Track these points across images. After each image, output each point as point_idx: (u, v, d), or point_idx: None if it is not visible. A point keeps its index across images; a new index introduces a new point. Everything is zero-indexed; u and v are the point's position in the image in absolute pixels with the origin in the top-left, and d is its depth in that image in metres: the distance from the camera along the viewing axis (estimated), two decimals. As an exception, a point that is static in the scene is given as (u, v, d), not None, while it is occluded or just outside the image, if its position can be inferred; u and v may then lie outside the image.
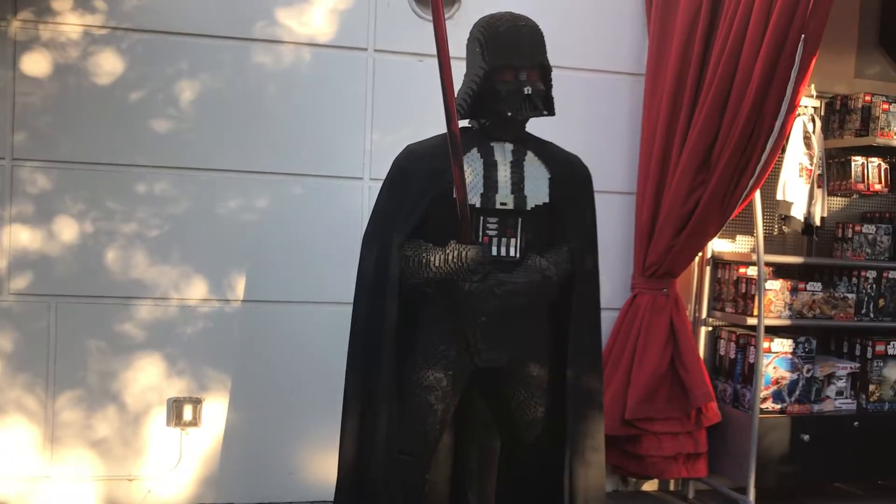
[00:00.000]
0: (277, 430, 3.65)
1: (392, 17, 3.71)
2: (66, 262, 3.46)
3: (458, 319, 2.56)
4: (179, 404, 3.57)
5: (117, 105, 3.47)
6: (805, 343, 3.82)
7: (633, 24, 3.99)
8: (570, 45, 3.79)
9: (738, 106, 3.32)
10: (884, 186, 4.14)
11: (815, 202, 3.89)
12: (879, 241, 4.11)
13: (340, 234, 3.58)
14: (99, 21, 3.44)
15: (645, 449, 3.76)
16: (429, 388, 2.56)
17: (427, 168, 2.56)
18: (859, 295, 3.99)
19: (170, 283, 3.55)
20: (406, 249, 2.53)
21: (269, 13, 3.59)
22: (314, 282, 3.65)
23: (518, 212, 2.55)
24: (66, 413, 3.49)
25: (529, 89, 2.49)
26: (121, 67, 3.47)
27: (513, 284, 2.50)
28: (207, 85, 3.55)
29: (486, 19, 2.56)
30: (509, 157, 2.58)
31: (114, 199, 3.49)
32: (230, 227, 3.59)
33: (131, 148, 3.49)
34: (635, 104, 3.97)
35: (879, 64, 4.42)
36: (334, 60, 3.66)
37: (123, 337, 3.52)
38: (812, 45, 3.08)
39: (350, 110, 3.68)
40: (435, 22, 2.31)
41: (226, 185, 3.58)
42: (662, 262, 3.74)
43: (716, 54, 3.45)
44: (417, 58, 3.69)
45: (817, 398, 3.86)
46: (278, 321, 3.65)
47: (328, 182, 3.67)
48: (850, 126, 4.06)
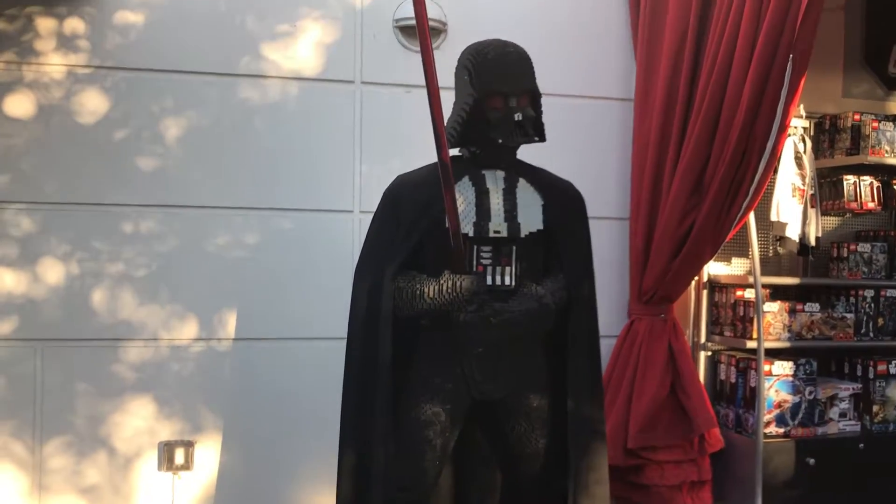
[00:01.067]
0: (272, 470, 3.57)
1: (378, 49, 3.69)
2: (52, 304, 3.39)
3: (454, 351, 2.51)
4: (171, 448, 3.49)
5: (102, 144, 3.43)
6: (806, 365, 3.77)
7: (621, 49, 3.99)
8: (558, 72, 3.77)
9: (728, 128, 3.30)
10: (877, 204, 4.12)
11: (809, 222, 3.87)
12: (875, 260, 4.08)
13: (332, 268, 3.53)
14: (82, 60, 3.42)
15: (648, 478, 3.68)
16: (427, 422, 2.50)
17: (418, 198, 2.53)
18: (858, 314, 3.95)
19: (159, 323, 3.49)
20: (399, 281, 2.49)
21: (255, 48, 3.57)
22: (306, 317, 3.59)
23: (512, 240, 2.52)
24: (54, 459, 3.40)
25: (520, 116, 2.47)
26: (105, 106, 3.44)
27: (509, 314, 2.46)
28: (193, 121, 3.51)
29: (474, 47, 2.55)
30: (501, 185, 2.56)
31: (100, 239, 3.44)
32: (219, 264, 3.54)
33: (117, 187, 3.45)
34: (625, 129, 3.95)
35: (866, 82, 4.44)
36: (322, 94, 3.64)
37: (112, 380, 3.44)
38: (800, 66, 3.07)
39: (339, 143, 3.65)
40: (423, 51, 2.29)
41: (214, 222, 3.54)
42: (659, 287, 3.70)
43: (704, 77, 3.44)
44: (405, 89, 3.67)
45: (821, 420, 3.80)
46: (271, 359, 3.58)
47: (318, 216, 3.63)
48: (841, 145, 4.06)
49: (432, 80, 2.29)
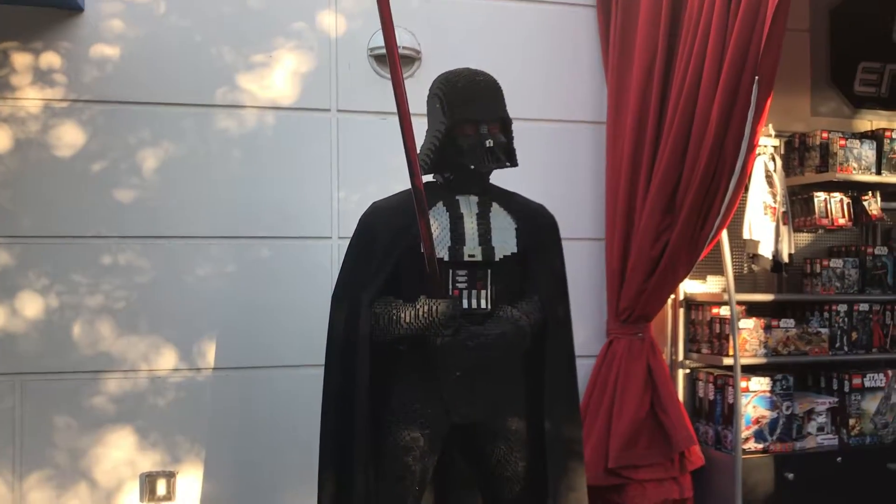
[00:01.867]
0: (254, 499, 3.56)
1: (353, 77, 3.74)
2: (30, 338, 3.39)
3: (432, 376, 2.53)
4: (153, 479, 3.47)
5: (80, 177, 3.45)
6: (782, 380, 3.82)
7: (592, 73, 4.06)
8: (530, 97, 3.84)
9: (698, 148, 3.36)
10: (847, 220, 4.19)
11: (781, 239, 3.92)
12: (848, 275, 4.14)
13: (310, 295, 3.54)
14: (59, 94, 3.44)
15: (630, 497, 3.70)
16: (405, 448, 2.51)
17: (393, 224, 2.56)
18: (832, 329, 4.00)
19: (139, 354, 3.48)
20: (376, 307, 2.51)
21: (231, 79, 3.60)
22: (286, 345, 3.60)
23: (487, 263, 2.55)
24: (34, 493, 3.37)
25: (491, 142, 2.52)
26: (82, 139, 3.46)
27: (485, 337, 2.48)
28: (170, 152, 3.54)
29: (444, 76, 2.60)
30: (475, 210, 2.59)
31: (78, 271, 3.44)
32: (198, 293, 3.54)
33: (95, 219, 3.46)
34: (598, 151, 4.01)
35: (833, 101, 4.53)
36: (298, 122, 3.67)
37: (92, 412, 3.43)
38: (766, 85, 3.13)
39: (316, 170, 3.68)
40: (394, 81, 2.33)
41: (192, 252, 3.55)
42: (635, 306, 3.74)
43: (673, 99, 3.51)
44: (381, 116, 3.71)
45: (799, 435, 3.85)
46: (251, 387, 3.58)
47: (296, 243, 3.65)
48: (810, 163, 4.13)
49: (404, 108, 2.33)
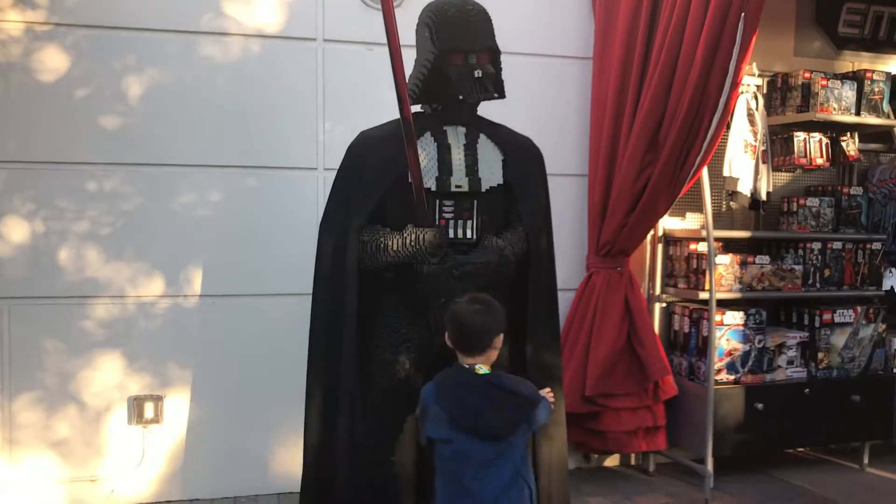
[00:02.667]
0: (241, 423, 3.65)
1: (340, 6, 3.71)
2: (17, 263, 3.41)
3: (418, 302, 2.58)
4: (140, 402, 3.54)
5: (64, 102, 3.43)
6: (756, 315, 3.93)
7: (580, 8, 4.05)
8: (518, 31, 3.83)
9: (682, 85, 3.39)
10: (825, 160, 4.26)
11: (760, 177, 3.99)
12: (823, 214, 4.23)
13: (296, 225, 3.58)
14: (41, 17, 3.39)
15: (605, 425, 3.84)
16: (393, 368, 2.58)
17: (382, 154, 2.59)
18: (806, 266, 4.11)
19: (125, 280, 3.52)
20: (363, 235, 2.55)
21: (216, 5, 3.57)
22: (272, 274, 3.65)
23: (473, 194, 2.59)
24: (24, 416, 3.44)
25: (480, 72, 2.53)
26: (66, 64, 3.43)
27: (471, 265, 2.54)
28: (156, 79, 3.52)
29: (434, 4, 2.59)
30: (462, 140, 2.62)
31: (64, 197, 3.44)
32: (184, 221, 3.57)
33: (80, 145, 3.45)
34: (584, 88, 4.03)
35: (817, 42, 4.56)
36: (283, 51, 3.65)
37: (81, 336, 3.48)
38: (752, 23, 3.15)
39: (301, 101, 3.68)
40: (384, 9, 2.33)
41: (178, 180, 3.56)
42: (616, 241, 3.81)
43: (660, 35, 3.52)
44: (367, 46, 3.69)
45: (769, 368, 3.98)
46: (237, 314, 3.64)
47: (282, 173, 3.67)
48: (792, 103, 4.17)
49: (394, 38, 2.34)
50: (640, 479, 4.04)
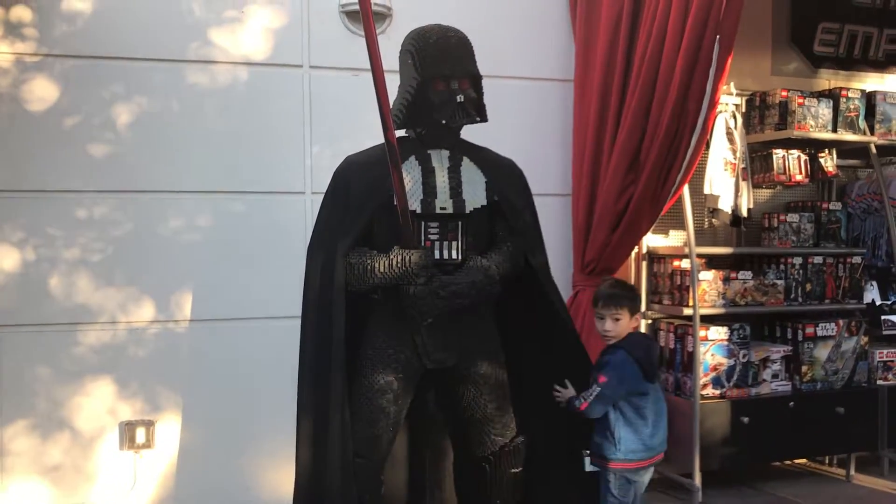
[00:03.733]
0: (232, 446, 3.67)
1: (325, 33, 3.78)
2: (8, 291, 3.44)
3: (405, 323, 2.63)
4: (132, 427, 3.56)
5: (53, 131, 3.47)
6: (739, 330, 3.98)
7: (560, 32, 4.14)
8: (500, 55, 3.90)
9: (661, 105, 3.46)
10: (804, 177, 4.34)
11: (740, 194, 4.07)
12: (804, 229, 4.31)
13: (285, 249, 3.62)
14: (30, 48, 3.44)
15: (593, 440, 3.86)
16: (380, 391, 2.62)
17: (367, 177, 2.64)
18: (788, 281, 4.17)
19: (116, 306, 3.55)
20: (350, 257, 2.59)
21: (203, 34, 3.63)
22: (261, 297, 3.68)
23: (458, 215, 2.65)
24: (16, 443, 3.45)
25: (462, 97, 2.59)
26: (55, 94, 3.48)
27: (456, 286, 2.58)
28: (144, 107, 3.57)
29: (416, 32, 2.66)
30: (446, 163, 2.68)
31: (54, 225, 3.48)
32: (174, 247, 3.61)
33: (69, 173, 3.49)
34: (566, 109, 4.11)
35: (794, 61, 4.66)
36: (270, 78, 3.72)
37: (72, 363, 3.51)
38: (727, 44, 3.24)
39: (289, 126, 3.74)
40: (367, 36, 2.38)
41: (167, 206, 3.60)
42: (600, 259, 3.87)
43: (638, 56, 3.60)
44: (352, 72, 3.76)
45: (754, 382, 4.03)
46: (228, 338, 3.67)
47: (270, 198, 3.71)
48: (770, 121, 4.25)
49: (377, 64, 2.39)
50: (629, 495, 4.06)
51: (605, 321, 2.87)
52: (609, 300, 2.88)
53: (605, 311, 2.87)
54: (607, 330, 2.87)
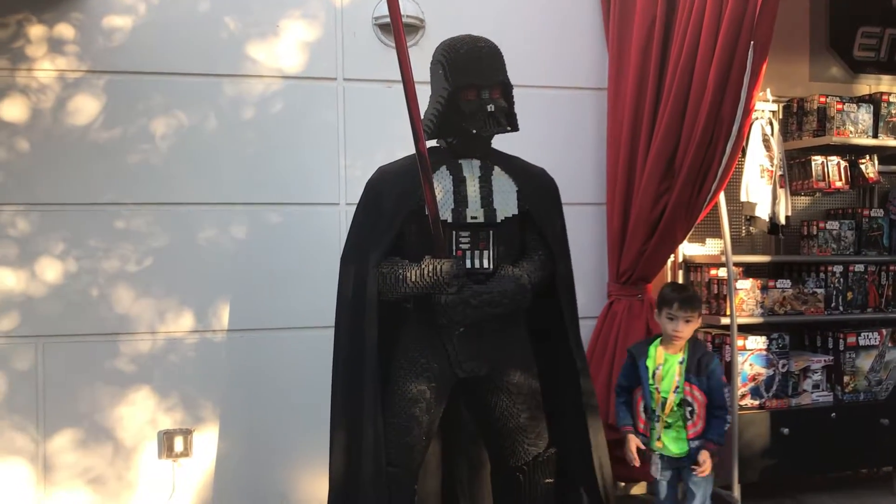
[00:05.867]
0: (268, 455, 3.71)
1: (359, 46, 3.81)
2: (51, 302, 3.51)
3: (437, 332, 2.63)
4: (170, 436, 3.61)
5: (93, 145, 3.55)
6: (778, 339, 3.92)
7: (593, 40, 4.12)
8: (533, 65, 3.91)
9: (696, 113, 3.44)
10: (844, 183, 4.26)
11: (778, 202, 4.00)
12: (844, 237, 4.23)
13: (319, 260, 3.64)
14: (72, 65, 3.53)
15: (630, 452, 3.82)
16: (413, 400, 2.63)
17: (399, 188, 2.66)
18: (828, 289, 4.09)
19: (155, 316, 3.61)
20: (382, 267, 2.61)
21: (238, 48, 3.69)
22: (297, 307, 3.71)
23: (489, 224, 2.65)
24: (58, 451, 3.52)
25: (492, 107, 2.60)
26: (95, 108, 3.55)
27: (488, 295, 2.58)
28: (182, 121, 3.63)
29: (447, 42, 2.68)
30: (477, 173, 2.69)
31: (94, 237, 3.55)
32: (211, 258, 3.66)
33: (109, 186, 3.57)
34: (600, 118, 4.09)
35: (832, 66, 4.58)
36: (305, 91, 3.76)
37: (111, 372, 3.57)
38: (762, 50, 3.20)
39: (323, 138, 3.78)
40: (398, 47, 2.41)
41: (204, 218, 3.66)
42: (635, 268, 3.84)
43: (672, 64, 3.58)
44: (386, 84, 3.79)
45: (794, 392, 3.96)
46: (264, 348, 3.71)
47: (305, 209, 3.75)
48: (808, 127, 4.19)
49: (408, 75, 2.41)
50: (667, 507, 4.01)
51: (677, 322, 3.02)
52: (686, 303, 3.03)
53: (680, 313, 3.01)
54: (678, 331, 3.02)
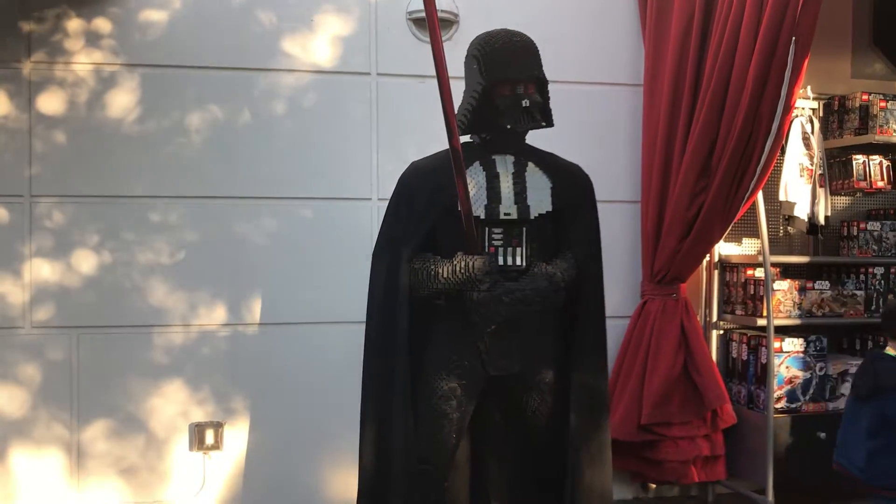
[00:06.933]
0: (298, 448, 3.72)
1: (393, 41, 3.81)
2: (85, 293, 3.55)
3: (468, 329, 2.61)
4: (201, 429, 3.64)
5: (129, 139, 3.58)
6: (816, 342, 3.84)
7: (630, 36, 4.08)
8: (569, 60, 3.88)
9: (734, 110, 3.38)
10: (886, 183, 4.17)
11: (817, 202, 3.93)
12: (885, 238, 4.14)
13: (352, 254, 3.65)
14: (108, 59, 3.56)
15: (663, 454, 3.78)
16: (444, 397, 2.61)
17: (432, 183, 2.63)
18: (868, 292, 4.01)
19: (188, 309, 3.63)
20: (414, 262, 2.59)
21: (274, 43, 3.70)
22: (328, 302, 3.72)
23: (522, 221, 2.61)
24: (92, 441, 3.56)
25: (527, 102, 2.56)
26: (131, 102, 3.59)
27: (520, 292, 2.54)
28: (216, 115, 3.65)
29: (482, 37, 2.64)
30: (511, 169, 2.65)
31: (129, 229, 3.59)
32: (244, 252, 3.68)
33: (143, 179, 3.60)
34: (635, 114, 4.04)
35: (875, 63, 4.48)
36: (339, 86, 3.76)
37: (145, 364, 3.60)
38: (803, 46, 3.14)
39: (356, 133, 3.77)
40: (432, 42, 2.38)
41: (237, 211, 3.67)
42: (670, 268, 3.79)
43: (710, 60, 3.52)
44: (419, 79, 3.77)
45: (832, 396, 3.88)
46: (295, 342, 3.72)
47: (338, 204, 3.75)
48: (850, 125, 4.11)
49: (442, 70, 2.38)
50: (699, 510, 3.97)
51: None
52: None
53: None
54: None
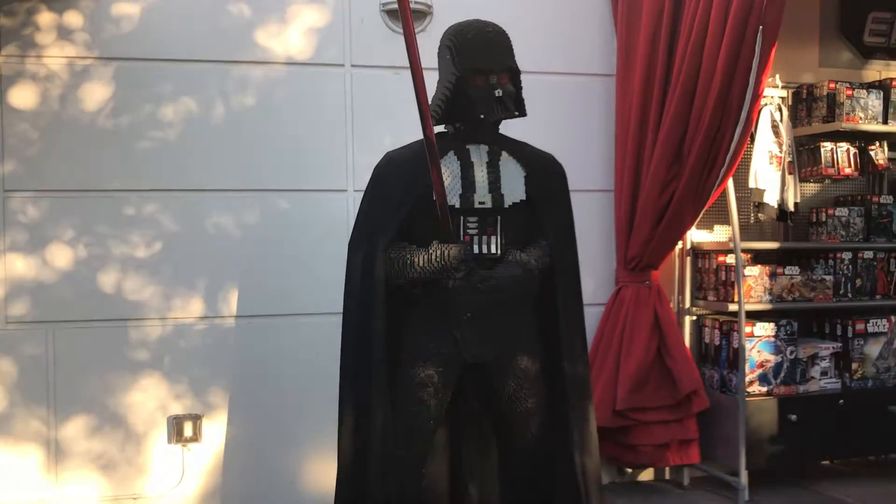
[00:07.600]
0: (277, 440, 3.73)
1: (367, 33, 3.82)
2: (61, 287, 3.53)
3: (444, 317, 2.64)
4: (179, 421, 3.64)
5: (103, 132, 3.56)
6: (787, 326, 3.92)
7: (602, 26, 4.11)
8: (542, 50, 3.91)
9: (704, 99, 3.43)
10: (854, 170, 4.25)
11: (787, 188, 4.00)
12: (853, 224, 4.22)
13: (328, 246, 3.66)
14: (81, 52, 3.54)
15: (637, 438, 3.84)
16: (421, 384, 2.64)
17: (406, 173, 2.66)
18: (837, 276, 4.10)
19: (164, 302, 3.63)
20: (390, 252, 2.61)
21: (248, 35, 3.69)
22: (305, 294, 3.73)
23: (496, 210, 2.65)
24: (68, 435, 3.55)
25: (500, 92, 2.59)
26: (104, 96, 3.57)
27: (495, 280, 2.59)
28: (190, 108, 3.64)
29: (454, 27, 2.67)
30: (485, 158, 2.68)
31: (104, 223, 3.57)
32: (220, 244, 3.68)
33: (118, 173, 3.58)
34: (608, 104, 4.08)
35: (843, 52, 4.56)
36: (313, 77, 3.76)
37: (121, 358, 3.59)
38: (770, 36, 3.19)
39: (331, 124, 3.78)
40: (406, 33, 2.41)
41: (213, 204, 3.67)
42: (643, 255, 3.84)
43: (680, 50, 3.57)
44: (393, 71, 3.79)
45: (802, 379, 3.96)
46: (273, 334, 3.73)
47: (313, 195, 3.76)
48: (818, 113, 4.18)
49: (415, 61, 2.41)
50: (674, 493, 4.03)
51: None
52: None
53: None
54: None
